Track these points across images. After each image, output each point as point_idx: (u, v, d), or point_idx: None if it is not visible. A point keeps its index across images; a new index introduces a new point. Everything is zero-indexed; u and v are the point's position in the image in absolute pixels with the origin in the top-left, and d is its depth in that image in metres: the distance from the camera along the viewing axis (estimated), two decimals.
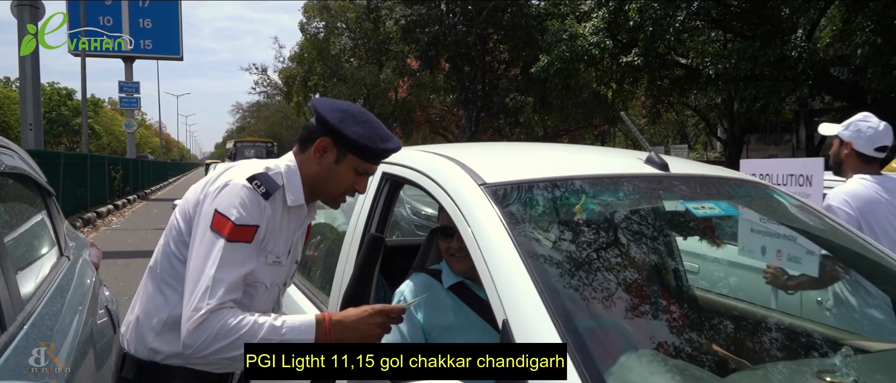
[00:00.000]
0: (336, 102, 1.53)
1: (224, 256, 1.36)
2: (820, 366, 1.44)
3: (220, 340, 1.32)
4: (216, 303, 1.33)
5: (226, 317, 1.33)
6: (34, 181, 2.26)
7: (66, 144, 40.98)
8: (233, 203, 1.39)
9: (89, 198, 14.38)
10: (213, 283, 1.34)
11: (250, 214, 1.40)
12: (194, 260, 1.38)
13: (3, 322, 1.46)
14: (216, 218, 1.38)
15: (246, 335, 1.32)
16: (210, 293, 1.33)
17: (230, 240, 1.37)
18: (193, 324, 1.31)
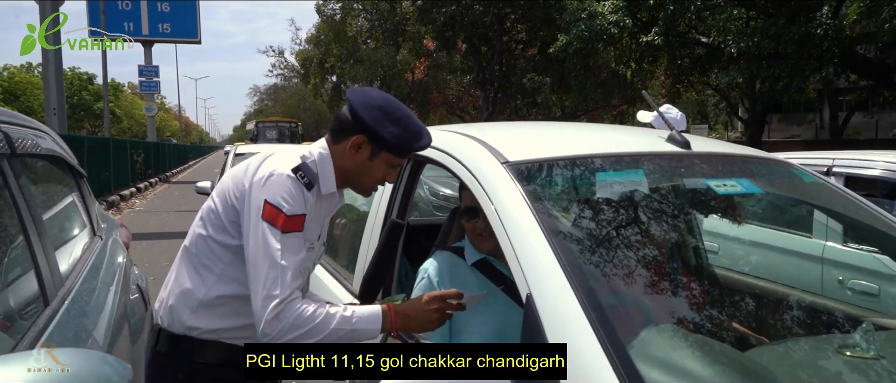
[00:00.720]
0: (370, 96, 1.53)
1: (284, 245, 1.40)
2: (841, 342, 1.45)
3: (296, 329, 1.37)
4: (289, 292, 1.39)
5: (301, 307, 1.39)
6: (67, 163, 2.33)
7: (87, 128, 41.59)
8: (281, 194, 1.43)
9: (112, 181, 14.63)
10: (281, 272, 1.39)
11: (298, 204, 1.45)
12: (253, 250, 1.41)
13: (46, 297, 1.52)
14: (267, 208, 1.42)
15: (321, 324, 1.39)
16: (281, 282, 1.38)
17: (285, 230, 1.41)
18: (271, 315, 1.36)
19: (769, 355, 1.42)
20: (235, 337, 1.57)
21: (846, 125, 25.11)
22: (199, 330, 1.55)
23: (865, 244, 2.81)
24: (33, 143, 1.85)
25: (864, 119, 27.99)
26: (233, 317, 1.56)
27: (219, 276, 1.53)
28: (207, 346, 1.56)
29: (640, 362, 1.14)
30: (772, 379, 1.28)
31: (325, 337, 1.40)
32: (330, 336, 1.40)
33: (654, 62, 17.12)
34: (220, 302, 1.54)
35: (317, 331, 1.39)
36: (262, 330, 1.38)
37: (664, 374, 1.17)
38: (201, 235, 1.55)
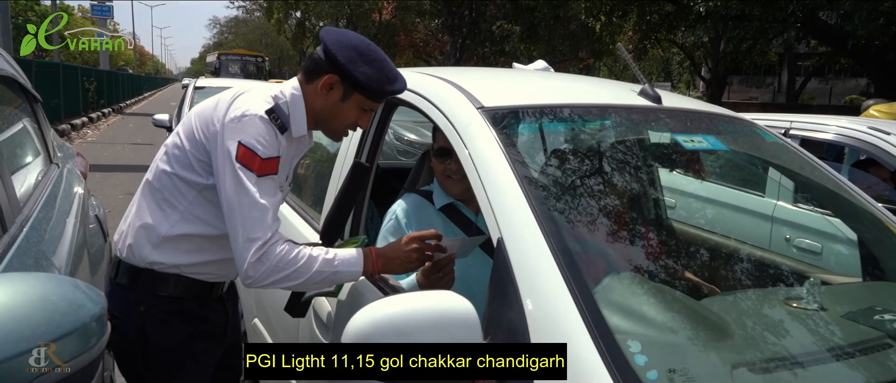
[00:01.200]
0: (344, 36, 1.51)
1: (260, 188, 1.38)
2: (787, 294, 1.54)
3: (280, 271, 1.36)
4: (270, 233, 1.37)
5: (284, 248, 1.38)
6: (20, 85, 2.22)
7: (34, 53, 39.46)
8: (255, 136, 1.40)
9: (63, 109, 14.03)
10: (261, 213, 1.37)
11: (272, 147, 1.42)
12: (230, 193, 1.38)
13: (3, 223, 1.48)
14: (242, 150, 1.38)
15: (303, 266, 1.38)
16: (261, 223, 1.36)
17: (261, 174, 1.39)
18: (254, 257, 1.35)
19: (721, 304, 1.49)
20: (198, 272, 1.57)
21: (802, 90, 25.80)
22: (162, 264, 1.53)
23: (817, 205, 2.94)
24: None
25: (820, 85, 28.82)
26: (195, 253, 1.54)
27: (182, 214, 1.51)
28: (169, 279, 1.54)
29: (604, 307, 1.19)
30: (724, 325, 1.35)
31: (308, 280, 1.40)
32: (312, 278, 1.40)
33: (624, 17, 17.13)
34: (183, 239, 1.52)
35: (300, 274, 1.38)
36: (245, 273, 1.37)
37: (624, 319, 1.22)
38: (165, 172, 1.51)
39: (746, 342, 1.29)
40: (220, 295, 1.68)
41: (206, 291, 1.61)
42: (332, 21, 28.20)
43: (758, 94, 31.33)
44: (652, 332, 1.22)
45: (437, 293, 1.21)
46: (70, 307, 0.82)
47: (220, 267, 1.61)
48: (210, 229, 1.53)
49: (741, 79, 31.92)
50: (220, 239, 1.54)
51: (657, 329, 1.25)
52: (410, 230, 1.82)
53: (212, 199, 1.50)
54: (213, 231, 1.53)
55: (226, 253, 1.58)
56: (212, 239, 1.54)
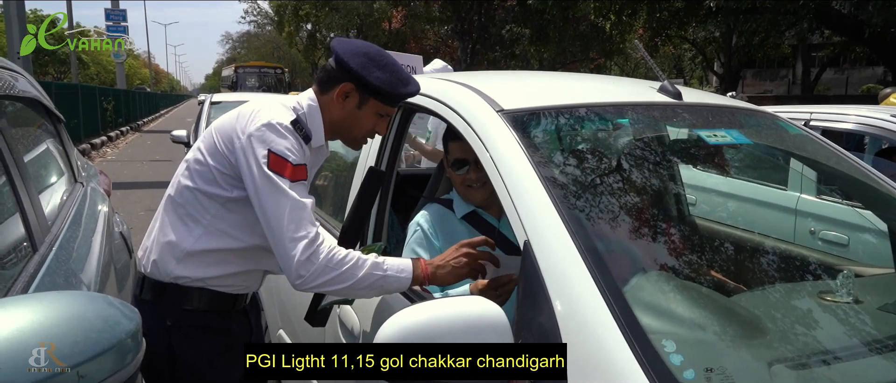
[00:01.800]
0: (355, 45, 1.52)
1: (295, 190, 1.39)
2: (820, 288, 1.51)
3: (329, 271, 1.36)
4: (316, 230, 1.37)
5: (334, 248, 1.38)
6: (44, 107, 2.26)
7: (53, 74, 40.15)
8: (284, 144, 1.41)
9: (83, 129, 14.25)
10: (302, 211, 1.37)
11: (299, 155, 1.43)
12: (267, 199, 1.38)
13: (34, 243, 1.50)
14: (272, 158, 1.39)
15: (352, 268, 1.37)
16: (304, 221, 1.36)
17: (293, 179, 1.40)
18: (304, 255, 1.34)
19: (753, 300, 1.47)
20: (222, 284, 1.58)
21: (818, 81, 25.48)
22: (187, 278, 1.54)
23: (843, 196, 2.89)
24: (11, 85, 1.79)
25: (835, 75, 28.43)
26: (220, 266, 1.55)
27: (206, 228, 1.51)
28: (194, 293, 1.55)
29: (636, 307, 1.17)
30: (757, 321, 1.33)
31: (356, 283, 1.38)
32: (361, 282, 1.38)
33: (634, 15, 17.04)
34: (207, 253, 1.53)
35: (349, 276, 1.37)
36: (295, 272, 1.35)
37: (656, 319, 1.21)
38: (188, 187, 1.52)
39: (782, 338, 1.27)
40: (243, 306, 1.69)
41: (230, 304, 1.62)
42: (342, 32, 28.39)
43: (772, 86, 30.99)
44: (685, 331, 1.20)
45: (466, 298, 1.20)
46: (105, 324, 0.83)
47: (243, 278, 1.61)
48: (234, 242, 1.53)
49: (755, 72, 31.60)
50: (244, 251, 1.55)
51: (690, 327, 1.23)
52: (436, 240, 1.82)
53: (235, 212, 1.51)
54: (238, 243, 1.53)
55: (249, 264, 1.59)
56: (236, 251, 1.55)
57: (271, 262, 1.59)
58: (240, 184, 1.46)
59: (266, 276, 1.74)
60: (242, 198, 1.48)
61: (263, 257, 1.59)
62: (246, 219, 1.51)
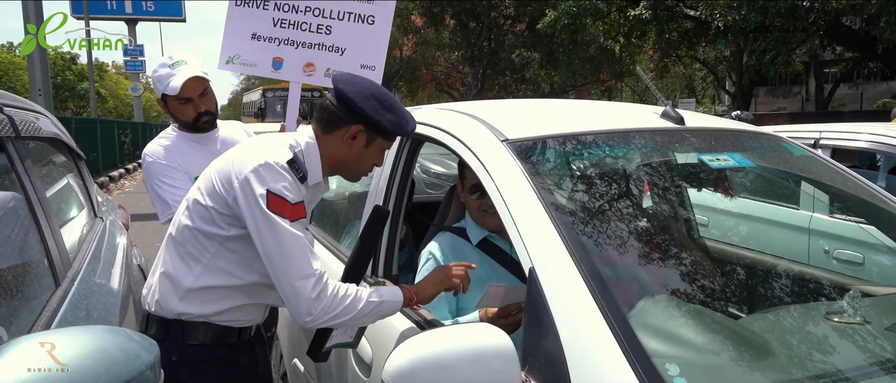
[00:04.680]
0: (362, 85, 1.53)
1: (296, 230, 1.43)
2: (828, 309, 1.51)
3: (336, 307, 1.41)
4: (320, 268, 1.42)
5: (335, 285, 1.43)
6: (66, 145, 2.33)
7: (72, 109, 41.00)
8: (281, 183, 1.44)
9: (101, 162, 14.51)
10: (305, 253, 1.42)
11: (297, 193, 1.47)
12: (269, 240, 1.41)
13: (57, 278, 1.55)
14: (271, 199, 1.42)
15: (353, 301, 1.44)
16: (308, 261, 1.41)
17: (293, 219, 1.43)
18: (314, 293, 1.39)
19: (761, 322, 1.48)
20: (225, 319, 1.61)
21: (831, 97, 25.30)
22: (190, 315, 1.57)
23: (853, 215, 2.88)
24: (35, 126, 1.86)
25: (849, 91, 28.23)
26: (221, 302, 1.58)
27: (205, 266, 1.54)
28: (198, 328, 1.59)
29: (640, 331, 1.19)
30: (764, 345, 1.34)
31: (357, 314, 1.44)
32: (361, 312, 1.45)
33: (643, 36, 17.11)
34: (208, 290, 1.56)
35: (351, 308, 1.43)
36: (306, 311, 1.39)
37: (661, 342, 1.22)
38: (187, 226, 1.54)
39: (789, 360, 1.27)
40: (248, 338, 1.71)
41: (235, 337, 1.65)
42: None
43: (785, 103, 30.82)
44: (690, 354, 1.22)
45: (474, 326, 1.23)
46: (126, 357, 0.87)
47: (246, 312, 1.64)
48: (234, 279, 1.56)
49: (767, 90, 31.45)
50: (245, 287, 1.58)
51: (695, 350, 1.24)
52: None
53: (234, 250, 1.54)
54: (238, 281, 1.56)
55: (252, 298, 1.62)
56: (237, 288, 1.58)
57: (272, 297, 1.63)
58: (236, 223, 1.49)
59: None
60: (239, 237, 1.51)
61: (264, 292, 1.62)
62: (244, 257, 1.54)
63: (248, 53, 2.49)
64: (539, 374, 1.21)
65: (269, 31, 2.48)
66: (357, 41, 2.56)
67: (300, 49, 2.53)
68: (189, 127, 2.23)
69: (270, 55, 2.52)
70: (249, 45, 2.48)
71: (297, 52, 2.53)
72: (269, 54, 2.52)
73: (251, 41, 2.48)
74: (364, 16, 2.55)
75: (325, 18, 2.53)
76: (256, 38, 2.49)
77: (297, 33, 2.52)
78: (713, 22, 14.07)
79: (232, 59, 2.49)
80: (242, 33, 2.46)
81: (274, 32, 2.49)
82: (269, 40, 2.50)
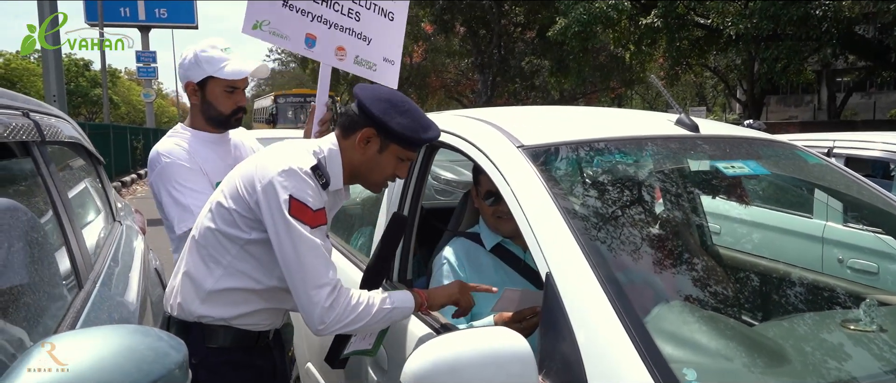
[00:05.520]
0: (378, 91, 1.58)
1: (316, 237, 1.45)
2: (844, 317, 1.51)
3: (349, 315, 1.44)
4: (336, 277, 1.45)
5: (349, 293, 1.46)
6: (86, 149, 2.37)
7: (85, 115, 41.41)
8: (304, 190, 1.46)
9: (114, 167, 14.65)
10: (324, 261, 1.44)
11: (318, 199, 1.49)
12: (288, 246, 1.43)
13: (80, 280, 1.58)
14: (294, 204, 1.44)
15: (366, 308, 1.46)
16: (325, 270, 1.44)
17: (314, 225, 1.45)
18: (328, 302, 1.42)
19: (776, 330, 1.48)
20: (245, 323, 1.63)
21: (844, 106, 25.12)
22: (210, 317, 1.59)
23: (867, 224, 2.87)
24: (57, 130, 1.90)
25: (862, 100, 28.02)
26: (241, 305, 1.60)
27: (226, 269, 1.56)
28: (218, 331, 1.61)
29: (656, 336, 1.20)
30: (780, 351, 1.34)
31: (369, 321, 1.47)
32: (374, 318, 1.47)
33: (653, 44, 17.07)
34: (228, 292, 1.58)
35: (364, 315, 1.46)
36: (319, 319, 1.42)
37: (678, 348, 1.23)
38: (209, 228, 1.57)
39: (805, 367, 1.28)
40: (266, 342, 1.73)
41: (253, 340, 1.67)
42: None
43: (797, 112, 30.64)
44: (707, 360, 1.22)
45: (491, 329, 1.24)
46: (155, 356, 0.88)
47: (265, 316, 1.66)
48: (253, 283, 1.58)
49: (779, 98, 31.29)
50: (264, 291, 1.60)
51: (712, 357, 1.25)
52: (463, 273, 1.86)
53: (254, 254, 1.56)
54: (257, 285, 1.58)
55: (271, 303, 1.64)
56: (256, 291, 1.60)
57: (292, 301, 1.64)
58: (258, 226, 1.51)
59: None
60: (260, 240, 1.53)
61: (284, 297, 1.64)
62: (264, 262, 1.56)
63: (279, 21, 2.21)
64: (556, 378, 1.23)
65: (304, 3, 2.24)
66: (380, 33, 2.45)
67: (332, 30, 2.32)
68: (218, 121, 2.08)
69: (303, 29, 2.26)
70: (281, 11, 2.20)
71: (329, 32, 2.32)
72: (302, 28, 2.26)
73: (283, 8, 2.20)
74: (386, 10, 2.46)
75: (355, 3, 2.37)
76: (289, 6, 2.22)
77: (330, 12, 2.31)
78: (725, 30, 14.03)
79: (260, 25, 2.18)
80: None
81: (308, 6, 2.25)
82: (302, 13, 2.24)
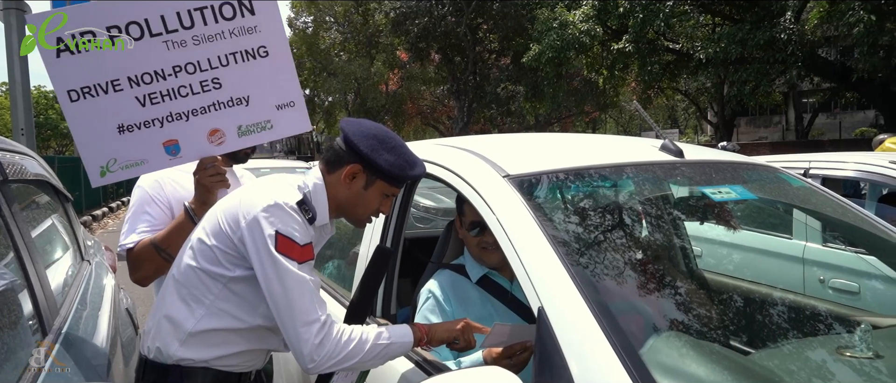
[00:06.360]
0: (365, 126, 1.55)
1: (303, 273, 1.40)
2: (838, 342, 1.49)
3: (340, 352, 1.38)
4: (325, 314, 1.39)
5: (340, 329, 1.40)
6: (52, 187, 2.28)
7: (55, 148, 40.65)
8: (291, 224, 1.42)
9: (84, 201, 14.31)
10: (311, 297, 1.39)
11: (306, 235, 1.44)
12: (275, 283, 1.39)
13: (44, 326, 1.49)
14: (281, 240, 1.39)
15: (359, 344, 1.41)
16: (314, 306, 1.38)
17: (301, 261, 1.41)
18: (317, 339, 1.36)
19: (773, 359, 1.45)
20: (226, 364, 1.55)
21: (811, 126, 25.81)
22: (190, 360, 1.51)
23: (851, 244, 2.89)
24: (22, 168, 1.81)
25: (828, 120, 28.85)
26: (223, 346, 1.53)
27: (208, 308, 1.50)
28: (197, 373, 1.53)
29: (653, 369, 1.16)
30: (776, 380, 1.31)
31: (363, 357, 1.41)
32: (368, 354, 1.42)
33: (625, 69, 17.42)
34: (210, 333, 1.51)
35: (357, 352, 1.40)
36: (309, 357, 1.36)
37: (674, 380, 1.19)
38: (191, 266, 1.51)
39: None
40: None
41: (234, 382, 1.59)
42: (340, 95, 28.93)
43: (766, 133, 31.39)
44: None
45: (485, 369, 1.19)
46: None
47: (247, 357, 1.59)
48: (237, 322, 1.52)
49: (748, 120, 32.05)
50: (247, 331, 1.53)
51: None
52: (449, 306, 1.80)
53: (238, 292, 1.50)
54: (240, 324, 1.52)
55: (253, 343, 1.57)
56: (238, 332, 1.53)
57: (275, 341, 1.59)
58: (242, 262, 1.46)
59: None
60: (245, 278, 1.47)
61: (267, 337, 1.58)
62: (249, 299, 1.50)
63: (125, 152, 1.84)
64: None
65: (140, 114, 1.83)
66: (259, 81, 1.93)
67: (194, 118, 1.89)
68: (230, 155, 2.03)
69: (158, 141, 1.86)
70: (121, 141, 1.83)
71: (191, 123, 1.88)
72: (157, 141, 1.86)
73: (122, 136, 1.82)
74: (252, 50, 1.91)
75: (205, 71, 1.87)
76: (127, 130, 1.83)
77: (179, 103, 1.86)
78: (694, 54, 14.39)
79: (107, 168, 1.84)
80: (103, 131, 1.81)
81: (148, 113, 1.84)
82: (145, 125, 1.84)
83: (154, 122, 1.85)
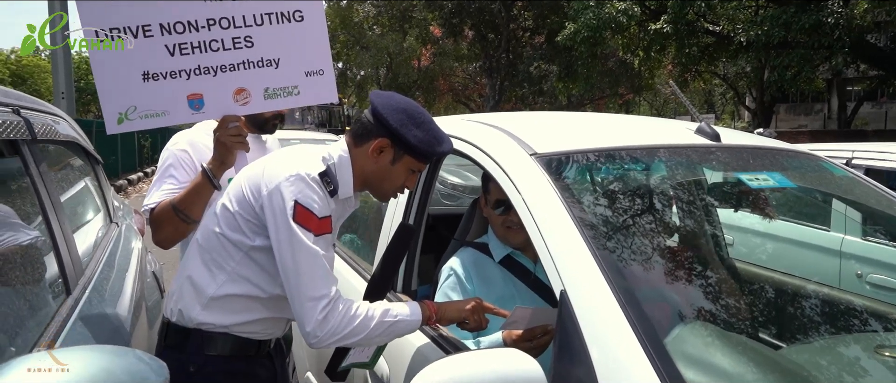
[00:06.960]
0: (394, 100, 1.52)
1: (318, 246, 1.39)
2: (876, 341, 1.43)
3: (343, 329, 1.38)
4: (332, 290, 1.38)
5: (345, 306, 1.39)
6: (83, 149, 2.31)
7: (94, 113, 41.60)
8: (310, 196, 1.41)
9: (120, 165, 14.65)
10: (322, 271, 1.39)
11: (325, 207, 1.44)
12: (289, 253, 1.38)
13: (68, 286, 1.50)
14: (299, 210, 1.39)
15: (364, 321, 1.40)
16: (323, 281, 1.38)
17: (318, 233, 1.40)
18: (321, 315, 1.36)
19: (805, 354, 1.39)
20: (246, 331, 1.57)
21: (855, 116, 24.93)
22: (211, 324, 1.53)
23: (894, 239, 2.78)
24: (52, 129, 1.83)
25: (873, 109, 27.80)
26: (244, 313, 1.54)
27: (229, 275, 1.51)
28: (217, 339, 1.54)
29: (678, 360, 1.11)
30: (808, 378, 1.25)
31: (368, 334, 1.40)
32: (373, 332, 1.41)
33: (662, 51, 16.98)
34: (230, 299, 1.52)
35: (361, 329, 1.39)
36: (311, 333, 1.37)
37: (701, 374, 1.15)
38: (214, 232, 1.52)
39: None
40: (267, 351, 1.67)
41: (254, 349, 1.60)
42: (372, 70, 28.93)
43: (807, 121, 30.44)
44: None
45: (501, 351, 1.16)
46: (132, 379, 0.81)
47: (268, 325, 1.60)
48: (256, 290, 1.52)
49: (788, 107, 31.10)
50: (267, 300, 1.54)
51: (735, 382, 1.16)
52: (470, 284, 1.78)
53: (258, 261, 1.50)
54: (260, 292, 1.53)
55: (273, 312, 1.58)
56: (259, 299, 1.54)
57: None
58: (263, 232, 1.46)
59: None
60: (265, 248, 1.47)
61: (287, 306, 1.56)
62: (269, 269, 1.50)
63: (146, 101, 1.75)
64: None
65: (168, 63, 1.76)
66: (290, 45, 1.88)
67: (222, 74, 1.81)
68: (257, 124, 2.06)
69: (182, 94, 1.78)
70: (144, 89, 1.74)
71: (218, 79, 1.81)
72: (180, 93, 1.78)
73: (145, 84, 1.74)
74: (288, 13, 1.86)
75: (238, 28, 1.81)
76: (152, 78, 1.75)
77: (209, 57, 1.79)
78: (735, 37, 13.94)
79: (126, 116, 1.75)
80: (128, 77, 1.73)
81: (176, 64, 1.77)
82: (172, 75, 1.76)
83: (181, 74, 1.78)
